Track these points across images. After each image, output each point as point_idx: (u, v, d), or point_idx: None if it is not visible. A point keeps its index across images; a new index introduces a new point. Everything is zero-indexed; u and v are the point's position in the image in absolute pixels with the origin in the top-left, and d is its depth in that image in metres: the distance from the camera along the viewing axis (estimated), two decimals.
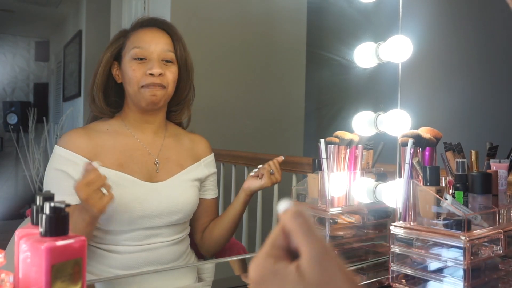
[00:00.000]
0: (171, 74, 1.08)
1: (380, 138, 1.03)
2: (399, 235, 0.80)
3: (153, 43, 1.07)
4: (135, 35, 1.09)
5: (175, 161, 1.13)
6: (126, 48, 1.09)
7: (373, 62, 1.03)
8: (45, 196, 0.50)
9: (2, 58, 5.53)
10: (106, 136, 1.09)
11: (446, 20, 2.19)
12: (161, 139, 1.15)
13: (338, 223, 0.96)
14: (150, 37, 1.08)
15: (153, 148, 1.12)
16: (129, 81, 1.07)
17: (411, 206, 0.80)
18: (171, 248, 1.09)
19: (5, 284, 0.47)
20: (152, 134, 1.13)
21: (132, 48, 1.07)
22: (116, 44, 1.11)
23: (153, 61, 1.06)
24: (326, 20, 2.21)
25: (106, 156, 1.05)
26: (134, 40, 1.08)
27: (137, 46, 1.06)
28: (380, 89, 1.16)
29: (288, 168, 1.80)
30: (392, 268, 0.81)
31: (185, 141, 1.20)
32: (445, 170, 0.89)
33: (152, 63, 1.05)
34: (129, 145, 1.09)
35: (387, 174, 1.04)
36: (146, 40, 1.07)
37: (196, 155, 1.19)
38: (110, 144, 1.07)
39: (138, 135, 1.12)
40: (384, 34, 0.99)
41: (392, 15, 0.97)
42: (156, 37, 1.08)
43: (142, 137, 1.12)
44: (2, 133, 5.21)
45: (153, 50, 1.06)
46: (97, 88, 1.10)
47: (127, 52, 1.08)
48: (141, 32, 1.09)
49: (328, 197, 0.95)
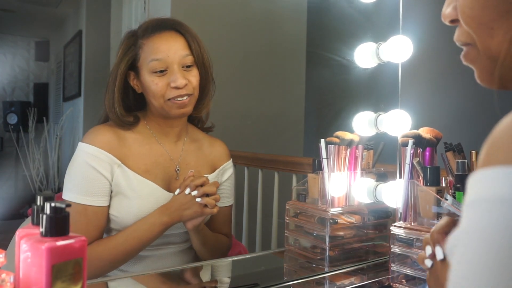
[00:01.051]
0: (194, 78, 1.04)
1: (380, 138, 1.03)
2: (400, 235, 0.80)
3: (170, 52, 1.01)
4: (149, 45, 1.02)
5: (193, 167, 1.10)
6: (142, 59, 1.03)
7: (373, 62, 1.03)
8: (46, 196, 0.50)
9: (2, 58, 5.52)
10: (133, 137, 1.05)
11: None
12: (181, 144, 1.12)
13: (338, 223, 0.96)
14: (166, 45, 1.02)
15: (174, 154, 1.09)
16: (154, 95, 1.02)
17: (412, 206, 0.80)
18: (181, 253, 1.09)
19: (6, 284, 0.47)
20: (174, 138, 1.10)
21: (150, 61, 1.01)
22: (129, 55, 1.04)
23: (174, 72, 1.00)
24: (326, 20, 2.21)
25: (134, 160, 1.02)
26: (150, 51, 1.02)
27: (155, 59, 1.00)
28: (380, 89, 1.16)
29: (288, 168, 1.80)
30: (393, 268, 0.81)
31: (205, 147, 1.16)
32: (446, 171, 0.89)
33: (174, 75, 1.00)
34: (153, 150, 1.06)
35: (387, 174, 1.04)
36: (162, 50, 1.01)
37: (214, 163, 1.15)
38: (136, 147, 1.04)
39: (161, 139, 1.09)
40: (384, 34, 0.99)
41: (392, 15, 0.97)
42: (172, 44, 1.02)
43: (165, 141, 1.09)
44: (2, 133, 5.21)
45: (172, 60, 1.01)
46: (117, 103, 1.03)
47: (144, 64, 1.02)
48: (155, 40, 1.02)
49: (328, 197, 0.95)
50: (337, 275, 0.91)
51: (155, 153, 1.06)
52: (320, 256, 0.96)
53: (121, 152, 1.01)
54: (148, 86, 1.02)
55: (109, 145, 1.00)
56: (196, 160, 1.12)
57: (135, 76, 1.05)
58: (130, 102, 1.09)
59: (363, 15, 1.14)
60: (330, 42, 2.05)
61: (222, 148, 1.18)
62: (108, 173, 0.99)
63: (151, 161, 1.05)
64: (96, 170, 0.98)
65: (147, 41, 1.03)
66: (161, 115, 1.07)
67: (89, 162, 0.98)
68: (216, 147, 1.17)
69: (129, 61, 1.04)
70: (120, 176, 1.00)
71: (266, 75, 2.67)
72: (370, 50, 1.02)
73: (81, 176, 0.99)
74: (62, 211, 0.48)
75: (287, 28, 2.62)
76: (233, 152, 1.22)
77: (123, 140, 1.03)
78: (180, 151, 1.11)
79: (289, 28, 2.63)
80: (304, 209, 1.00)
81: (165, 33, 1.03)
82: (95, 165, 0.98)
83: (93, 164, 0.98)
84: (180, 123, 1.10)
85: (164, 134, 1.09)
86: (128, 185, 1.00)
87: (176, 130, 1.10)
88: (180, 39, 1.04)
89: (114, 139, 1.01)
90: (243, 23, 2.58)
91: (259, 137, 2.56)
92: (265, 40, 2.63)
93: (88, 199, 0.97)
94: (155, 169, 1.05)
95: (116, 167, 1.00)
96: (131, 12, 3.04)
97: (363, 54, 1.04)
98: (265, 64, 2.67)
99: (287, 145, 2.62)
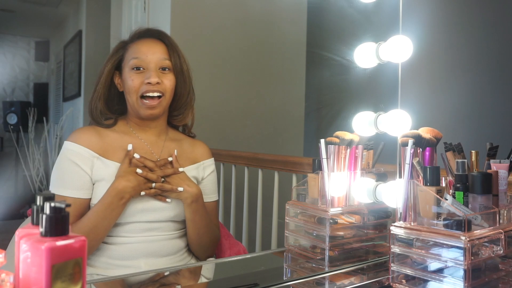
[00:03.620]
0: (168, 82, 1.13)
1: (380, 138, 1.03)
2: (399, 235, 0.80)
3: (149, 53, 1.12)
4: (133, 46, 1.14)
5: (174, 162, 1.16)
6: (126, 59, 1.14)
7: (373, 62, 1.03)
8: (45, 196, 0.50)
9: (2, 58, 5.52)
10: (114, 134, 1.14)
11: (446, 20, 2.19)
12: (162, 141, 1.19)
13: (338, 223, 0.96)
14: (147, 47, 1.13)
15: (155, 148, 1.17)
16: (129, 91, 1.12)
17: (411, 206, 0.80)
18: (169, 242, 1.12)
19: (6, 284, 0.47)
20: (154, 136, 1.18)
21: (131, 59, 1.12)
22: (116, 55, 1.16)
23: (150, 70, 1.11)
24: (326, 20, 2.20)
25: (114, 152, 1.11)
26: (132, 51, 1.13)
27: (135, 57, 1.12)
28: (380, 89, 1.16)
29: (288, 168, 1.80)
30: (392, 268, 0.81)
31: (185, 145, 1.22)
32: (445, 170, 0.89)
33: (149, 72, 1.11)
34: (134, 144, 1.13)
35: (387, 174, 1.04)
36: (143, 51, 1.12)
37: (195, 158, 1.22)
38: (117, 142, 1.13)
39: (141, 135, 1.17)
40: (384, 34, 0.99)
41: (392, 15, 0.97)
42: (152, 47, 1.13)
43: (145, 137, 1.17)
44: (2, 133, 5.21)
45: (150, 60, 1.11)
46: (98, 98, 1.15)
47: (127, 63, 1.13)
48: (139, 43, 1.14)
49: (328, 197, 0.95)
50: (337, 275, 0.91)
51: (135, 147, 1.13)
52: (320, 256, 0.96)
53: (100, 147, 1.10)
54: (126, 82, 1.12)
55: (89, 142, 1.10)
56: (177, 155, 1.17)
57: (119, 75, 1.16)
58: (113, 102, 1.19)
59: (363, 15, 1.14)
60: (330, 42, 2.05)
61: (203, 147, 1.25)
62: (87, 167, 1.08)
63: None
64: (76, 165, 1.07)
65: (132, 44, 1.15)
66: (136, 115, 1.15)
67: (70, 157, 1.08)
68: (198, 146, 1.24)
69: (115, 62, 1.16)
70: (100, 166, 1.08)
71: (266, 75, 2.67)
72: (370, 50, 1.02)
73: (63, 170, 1.08)
74: (62, 211, 0.48)
75: (287, 28, 2.62)
76: (233, 152, 1.23)
77: (104, 137, 1.12)
78: (161, 147, 1.18)
79: (289, 28, 2.63)
80: (304, 209, 1.00)
81: (148, 39, 1.15)
82: (75, 160, 1.07)
83: (74, 159, 1.07)
84: (158, 124, 1.18)
85: (144, 132, 1.17)
86: (109, 172, 1.08)
87: (155, 130, 1.18)
88: (161, 45, 1.15)
89: (94, 137, 1.11)
90: (243, 23, 2.58)
91: (259, 137, 2.56)
92: (265, 40, 2.63)
93: (68, 191, 1.06)
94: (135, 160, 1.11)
95: (95, 160, 1.09)
96: (131, 12, 3.04)
97: (363, 54, 1.04)
98: (265, 64, 2.67)
99: (287, 145, 2.62)
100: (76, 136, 1.10)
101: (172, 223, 1.13)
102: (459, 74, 2.18)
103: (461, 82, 2.14)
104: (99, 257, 1.07)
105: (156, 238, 1.10)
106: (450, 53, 2.18)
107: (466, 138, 0.95)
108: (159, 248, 1.10)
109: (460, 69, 2.18)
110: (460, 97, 2.07)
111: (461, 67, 2.18)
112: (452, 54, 2.18)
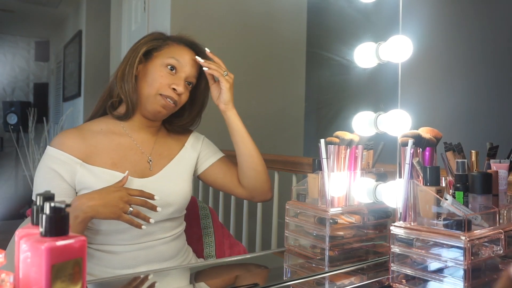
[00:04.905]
0: (185, 97, 1.13)
1: (380, 138, 1.03)
2: (399, 235, 0.80)
3: (189, 64, 1.12)
4: (176, 47, 1.13)
5: (167, 156, 1.16)
6: (163, 52, 1.12)
7: (373, 62, 1.03)
8: (45, 196, 0.50)
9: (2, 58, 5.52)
10: (100, 136, 1.10)
11: (446, 20, 2.19)
12: (153, 139, 1.17)
13: (338, 223, 0.96)
14: (189, 58, 1.13)
15: (146, 147, 1.14)
16: (151, 83, 1.09)
17: (411, 206, 0.80)
18: (169, 245, 1.10)
19: (5, 284, 0.47)
20: (148, 135, 1.16)
21: (170, 57, 1.11)
22: (154, 42, 1.13)
23: (180, 79, 1.11)
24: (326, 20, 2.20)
25: (99, 156, 1.07)
26: (174, 51, 1.12)
27: (176, 58, 1.11)
28: (380, 89, 1.16)
29: (288, 168, 1.80)
30: (392, 268, 0.81)
31: (174, 134, 1.22)
32: (445, 170, 0.89)
33: (179, 80, 1.10)
34: (122, 145, 1.11)
35: (387, 174, 1.04)
36: (185, 59, 1.12)
37: (182, 141, 1.22)
38: (104, 144, 1.09)
39: (133, 135, 1.14)
40: (384, 34, 0.99)
41: (392, 15, 0.97)
42: (192, 60, 1.13)
43: (136, 136, 1.14)
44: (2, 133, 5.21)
45: (185, 70, 1.12)
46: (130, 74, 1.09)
47: (162, 56, 1.11)
48: (183, 49, 1.14)
49: (328, 197, 0.95)
50: (337, 275, 0.91)
51: (125, 147, 1.11)
52: (320, 256, 0.96)
53: (83, 152, 1.05)
54: (151, 73, 1.09)
55: (71, 147, 1.05)
56: (169, 148, 1.18)
57: (144, 61, 1.12)
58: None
59: (363, 15, 1.14)
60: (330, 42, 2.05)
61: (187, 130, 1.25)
62: (68, 175, 1.03)
63: (119, 155, 1.09)
64: (55, 172, 1.03)
65: (176, 44, 1.14)
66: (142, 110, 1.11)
67: (50, 165, 1.03)
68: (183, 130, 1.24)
69: (150, 46, 1.12)
70: (84, 174, 1.04)
71: (266, 75, 2.67)
72: (370, 50, 1.02)
73: (42, 177, 1.04)
74: (62, 211, 0.48)
75: (287, 28, 2.62)
76: (233, 152, 1.22)
77: (88, 140, 1.08)
78: (153, 143, 1.16)
79: (289, 28, 2.63)
80: (304, 209, 1.00)
81: (191, 51, 1.15)
82: (55, 168, 1.03)
83: (54, 166, 1.03)
84: (155, 124, 1.17)
85: (137, 131, 1.14)
86: (94, 180, 1.03)
87: (149, 130, 1.16)
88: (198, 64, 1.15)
89: (77, 141, 1.06)
90: (243, 23, 2.58)
91: (259, 137, 2.56)
92: (265, 40, 2.62)
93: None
94: (124, 161, 1.09)
95: (78, 167, 1.04)
96: (131, 12, 3.04)
97: (363, 54, 1.04)
98: (265, 64, 2.67)
99: (287, 145, 2.62)
100: (58, 141, 1.06)
101: (169, 222, 1.11)
102: (459, 74, 2.18)
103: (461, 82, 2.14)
104: (97, 266, 1.04)
105: (155, 243, 1.08)
106: (450, 53, 2.18)
107: (466, 138, 0.95)
108: (160, 253, 1.08)
109: (460, 69, 2.18)
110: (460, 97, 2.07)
111: (461, 67, 2.18)
112: (452, 54, 2.18)
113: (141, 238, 1.06)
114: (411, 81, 1.04)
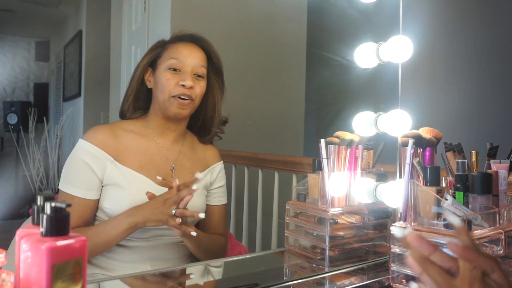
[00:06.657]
0: (199, 88, 1.13)
1: (380, 138, 1.03)
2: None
3: (189, 57, 1.12)
4: (173, 47, 1.14)
5: (189, 169, 1.16)
6: (163, 57, 1.14)
7: (373, 62, 1.03)
8: (46, 196, 0.50)
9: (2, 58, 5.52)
10: (131, 136, 1.13)
11: (446, 20, 2.19)
12: (179, 146, 1.18)
13: (338, 223, 0.96)
14: (187, 51, 1.13)
15: (171, 154, 1.16)
16: (162, 89, 1.11)
17: (412, 206, 0.80)
18: (175, 246, 1.12)
19: (6, 284, 0.47)
20: (172, 140, 1.17)
21: (169, 58, 1.12)
22: (154, 52, 1.16)
23: (186, 73, 1.11)
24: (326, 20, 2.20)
25: (128, 156, 1.09)
26: (172, 52, 1.13)
27: (174, 58, 1.12)
28: (380, 89, 1.16)
29: (288, 168, 1.80)
30: (393, 268, 0.81)
31: (199, 150, 1.23)
32: (446, 170, 0.89)
33: (185, 75, 1.10)
34: (150, 148, 1.13)
35: (387, 174, 1.04)
36: (183, 53, 1.12)
37: (207, 163, 1.22)
38: (133, 145, 1.11)
39: (159, 139, 1.15)
40: (384, 34, 0.99)
41: (393, 15, 0.97)
42: (193, 52, 1.14)
43: (162, 142, 1.15)
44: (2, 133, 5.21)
45: (188, 63, 1.12)
46: (133, 93, 1.16)
47: (164, 61, 1.13)
48: (180, 45, 1.14)
49: (328, 197, 0.95)
50: (337, 275, 0.91)
51: (151, 151, 1.13)
52: (320, 256, 0.96)
53: (115, 149, 1.08)
54: (160, 80, 1.12)
55: (104, 143, 1.08)
56: (192, 162, 1.18)
57: (152, 72, 1.16)
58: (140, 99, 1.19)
59: (363, 15, 1.14)
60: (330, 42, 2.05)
61: (213, 151, 1.26)
62: (99, 169, 1.06)
63: (146, 158, 1.11)
64: (87, 164, 1.05)
65: (172, 45, 1.15)
66: (161, 115, 1.14)
67: (82, 157, 1.06)
68: (209, 150, 1.26)
69: (151, 58, 1.16)
70: (113, 170, 1.06)
71: (266, 75, 2.67)
72: (370, 50, 1.02)
73: (73, 168, 1.07)
74: (62, 211, 0.48)
75: (287, 28, 2.62)
76: (233, 152, 1.23)
77: (120, 139, 1.10)
78: (178, 152, 1.17)
79: (289, 28, 2.63)
80: (304, 209, 1.00)
81: (190, 44, 1.16)
82: (87, 160, 1.06)
83: (86, 159, 1.06)
84: (179, 128, 1.17)
85: (163, 135, 1.16)
86: (122, 178, 1.06)
87: (174, 134, 1.17)
88: (202, 53, 1.16)
89: (110, 138, 1.09)
90: (243, 23, 2.58)
91: (259, 137, 2.56)
92: (265, 40, 2.62)
93: (75, 190, 1.05)
94: (150, 166, 1.11)
95: (109, 163, 1.07)
96: (131, 12, 3.04)
97: (363, 54, 1.04)
98: (265, 64, 2.66)
99: (287, 145, 2.62)
100: (91, 135, 1.08)
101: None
102: (459, 74, 2.18)
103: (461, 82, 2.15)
104: (108, 259, 1.07)
105: (163, 242, 1.09)
106: (450, 53, 2.18)
107: (466, 138, 0.95)
108: (166, 252, 1.10)
109: (460, 69, 2.18)
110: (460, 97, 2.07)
111: (461, 67, 2.18)
112: (452, 54, 2.19)
113: (152, 237, 1.08)
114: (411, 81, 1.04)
